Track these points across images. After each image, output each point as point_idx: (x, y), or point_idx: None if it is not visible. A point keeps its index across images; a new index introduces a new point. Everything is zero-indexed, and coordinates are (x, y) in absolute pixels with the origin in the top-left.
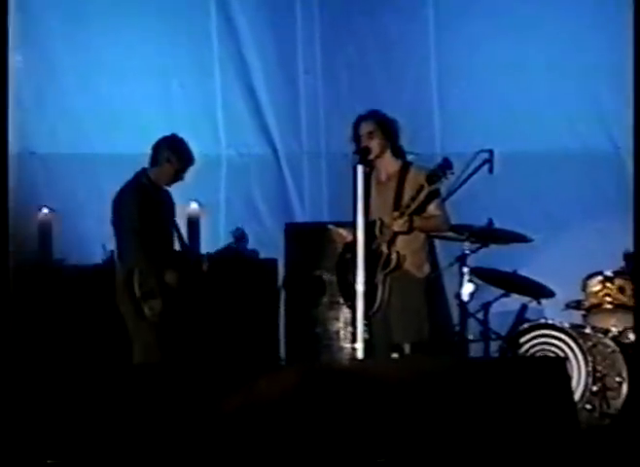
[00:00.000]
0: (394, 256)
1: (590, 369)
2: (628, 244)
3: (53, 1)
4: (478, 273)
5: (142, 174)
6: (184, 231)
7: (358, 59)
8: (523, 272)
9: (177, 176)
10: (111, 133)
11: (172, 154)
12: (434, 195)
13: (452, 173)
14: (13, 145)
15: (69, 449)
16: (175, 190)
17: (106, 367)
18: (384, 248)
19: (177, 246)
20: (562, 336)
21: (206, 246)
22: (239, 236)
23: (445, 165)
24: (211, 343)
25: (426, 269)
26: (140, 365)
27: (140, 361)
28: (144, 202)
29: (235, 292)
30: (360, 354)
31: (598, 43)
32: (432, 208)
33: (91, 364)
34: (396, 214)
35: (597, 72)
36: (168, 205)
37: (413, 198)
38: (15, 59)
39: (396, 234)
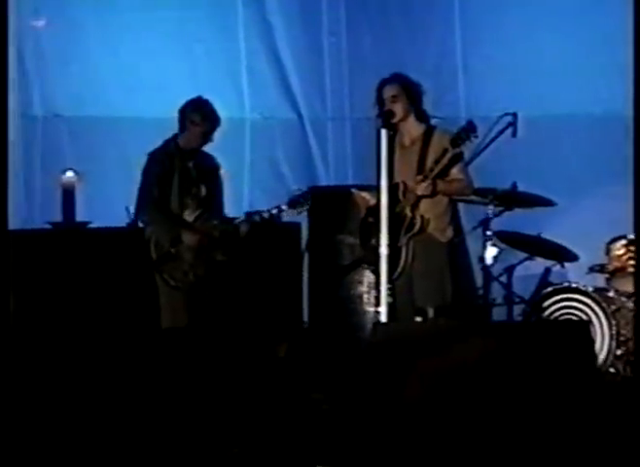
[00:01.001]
0: (418, 219)
1: (614, 332)
2: None
3: None
4: (501, 237)
5: (171, 140)
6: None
7: (382, 22)
8: (547, 236)
9: (205, 138)
10: (135, 97)
11: (198, 115)
12: (457, 158)
13: (476, 136)
14: (38, 108)
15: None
16: None
17: (133, 331)
18: (408, 211)
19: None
20: (586, 299)
21: (231, 210)
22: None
23: (469, 128)
24: (235, 308)
25: (449, 232)
26: (167, 329)
27: (167, 325)
28: (164, 168)
29: (259, 255)
30: (383, 318)
31: (625, 7)
32: (455, 172)
33: (118, 328)
34: (419, 177)
35: (623, 37)
36: (202, 168)
37: (437, 161)
38: (39, 22)
39: (419, 198)
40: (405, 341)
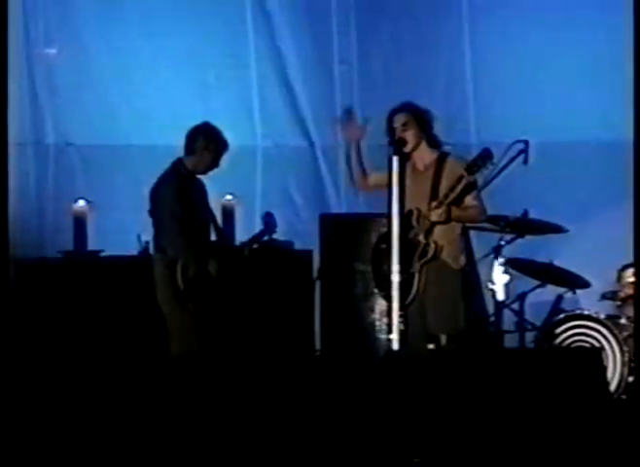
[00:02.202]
0: (431, 246)
1: (626, 359)
2: None
3: None
4: (513, 264)
5: (179, 163)
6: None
7: (393, 50)
8: (559, 263)
9: (215, 163)
10: (147, 125)
11: (209, 142)
12: (472, 185)
13: (493, 163)
14: (50, 136)
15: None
16: (211, 180)
17: (142, 358)
18: (421, 238)
19: (213, 236)
20: (598, 326)
21: (242, 237)
22: (269, 221)
23: (486, 156)
24: (247, 335)
25: (462, 259)
26: (179, 356)
27: (178, 352)
28: (183, 191)
29: (271, 283)
30: (395, 345)
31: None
32: (469, 199)
33: (128, 356)
34: (434, 204)
35: (631, 63)
36: (203, 194)
37: (452, 188)
38: (51, 50)
39: (433, 224)
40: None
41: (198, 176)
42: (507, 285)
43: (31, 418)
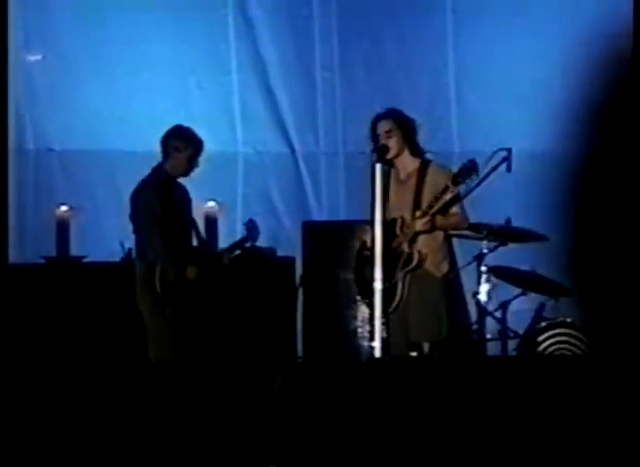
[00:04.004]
0: (415, 255)
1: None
2: None
3: None
4: (495, 272)
5: (159, 168)
6: (201, 228)
7: (375, 57)
8: (541, 271)
9: (190, 164)
10: (128, 130)
11: (180, 142)
12: (457, 195)
13: (478, 175)
14: (30, 142)
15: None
16: (192, 186)
17: (123, 364)
18: (405, 247)
19: (195, 242)
20: (580, 334)
21: (223, 244)
22: (252, 228)
23: (471, 167)
24: (229, 342)
25: (444, 267)
26: (156, 362)
27: (155, 357)
28: (163, 197)
29: (253, 291)
30: (378, 353)
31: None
32: (452, 207)
33: (109, 361)
34: (418, 213)
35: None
36: (185, 200)
37: (437, 199)
38: (31, 56)
39: (417, 234)
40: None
41: (181, 181)
42: (489, 293)
43: (13, 423)
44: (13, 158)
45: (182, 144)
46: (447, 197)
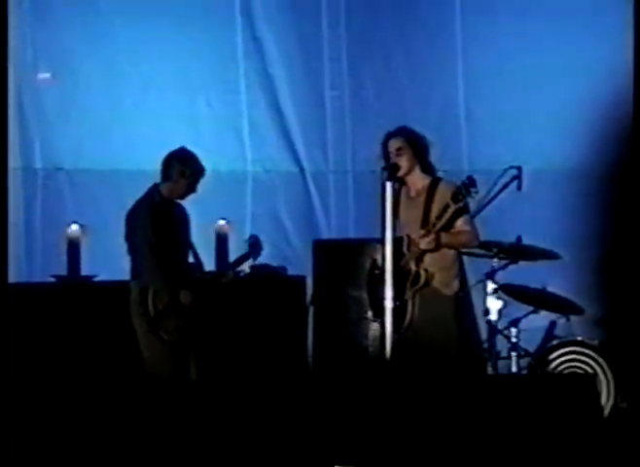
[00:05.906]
0: (422, 273)
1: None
2: None
3: (78, 17)
4: (506, 290)
5: (154, 190)
6: (212, 247)
7: (385, 76)
8: (552, 289)
9: (190, 190)
10: (136, 149)
11: (185, 167)
12: (461, 212)
13: (477, 192)
14: (38, 161)
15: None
16: (201, 205)
17: (136, 382)
18: (412, 265)
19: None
20: (591, 352)
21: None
22: (255, 244)
23: (469, 184)
24: (239, 361)
25: (455, 285)
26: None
27: (150, 381)
28: (157, 219)
29: (264, 310)
30: (389, 370)
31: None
32: (460, 224)
33: (121, 380)
34: (423, 232)
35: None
36: (182, 221)
37: (439, 217)
38: (39, 75)
39: (424, 252)
40: None
41: (188, 200)
42: (500, 311)
43: (19, 441)
44: (21, 177)
45: (188, 170)
46: (448, 214)
